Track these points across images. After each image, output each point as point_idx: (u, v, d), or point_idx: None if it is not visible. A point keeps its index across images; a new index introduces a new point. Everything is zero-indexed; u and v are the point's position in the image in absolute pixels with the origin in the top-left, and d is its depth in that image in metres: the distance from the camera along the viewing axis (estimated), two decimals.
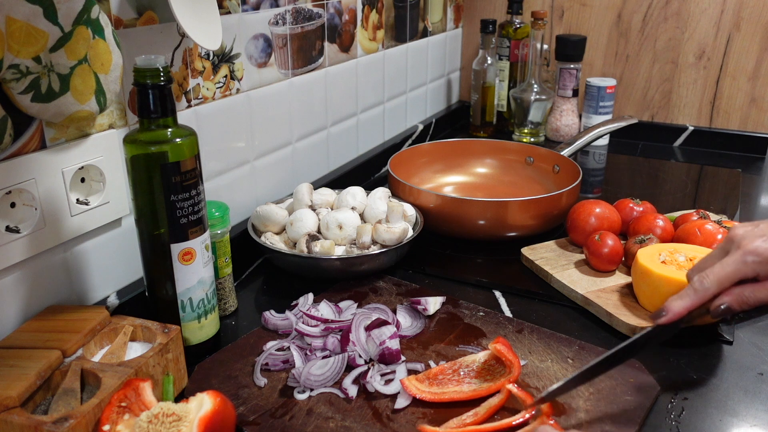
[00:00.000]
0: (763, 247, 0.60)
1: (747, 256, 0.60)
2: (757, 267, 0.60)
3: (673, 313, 0.63)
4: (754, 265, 0.60)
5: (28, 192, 0.65)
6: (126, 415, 0.57)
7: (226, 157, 0.94)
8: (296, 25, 1.04)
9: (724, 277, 0.61)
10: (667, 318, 0.63)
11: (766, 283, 0.61)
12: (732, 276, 0.61)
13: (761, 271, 0.60)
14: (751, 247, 0.60)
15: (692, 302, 0.62)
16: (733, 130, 1.50)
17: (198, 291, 0.71)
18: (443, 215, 1.00)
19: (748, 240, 0.61)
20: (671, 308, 0.63)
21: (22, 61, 0.60)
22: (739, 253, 0.61)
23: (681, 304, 0.63)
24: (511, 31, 1.56)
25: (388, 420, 0.63)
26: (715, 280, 0.62)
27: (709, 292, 0.62)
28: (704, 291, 0.62)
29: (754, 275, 0.61)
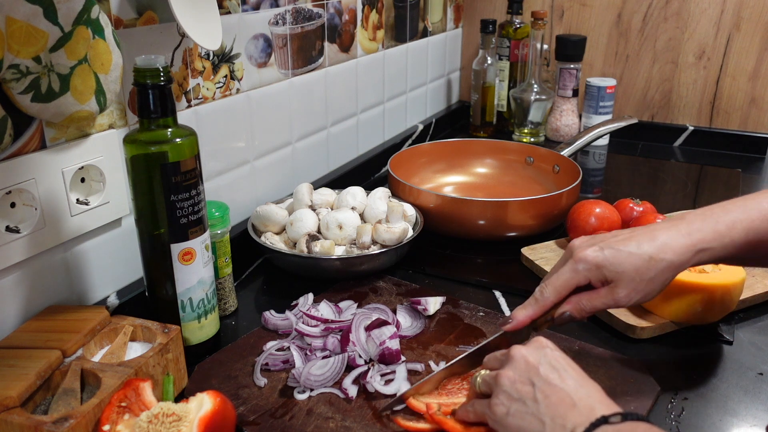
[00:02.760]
0: (592, 255, 0.62)
1: (578, 264, 0.63)
2: (588, 274, 0.63)
3: (518, 321, 0.65)
4: (585, 272, 0.63)
5: (28, 192, 0.65)
6: (126, 415, 0.57)
7: (226, 157, 0.94)
8: (296, 25, 1.04)
9: (559, 285, 0.64)
10: (512, 326, 0.66)
11: (600, 291, 0.63)
12: (566, 284, 0.64)
13: (592, 278, 0.63)
14: (581, 256, 0.63)
15: (534, 311, 0.65)
16: (733, 130, 1.50)
17: (198, 291, 0.71)
18: (443, 215, 1.00)
19: (580, 249, 0.64)
20: (516, 317, 0.66)
21: (22, 61, 0.60)
22: (572, 261, 0.64)
23: (524, 313, 0.65)
24: (511, 31, 1.56)
25: (388, 420, 0.63)
26: (552, 289, 0.64)
27: (548, 301, 0.65)
28: (543, 300, 0.65)
29: (587, 282, 0.63)
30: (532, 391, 0.53)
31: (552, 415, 0.51)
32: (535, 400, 0.53)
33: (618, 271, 0.61)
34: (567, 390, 0.52)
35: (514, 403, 0.54)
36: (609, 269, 0.62)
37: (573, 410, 0.51)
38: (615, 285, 0.62)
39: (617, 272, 0.61)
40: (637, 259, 0.61)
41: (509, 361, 0.57)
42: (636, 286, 0.61)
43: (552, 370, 0.54)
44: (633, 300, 0.62)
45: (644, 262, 0.61)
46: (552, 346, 0.58)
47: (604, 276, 0.62)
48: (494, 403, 0.55)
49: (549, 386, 0.53)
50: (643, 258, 0.61)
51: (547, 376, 0.54)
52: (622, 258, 0.61)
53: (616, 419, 0.49)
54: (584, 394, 0.52)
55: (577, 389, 0.53)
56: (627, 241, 0.62)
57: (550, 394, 0.53)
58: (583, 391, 0.53)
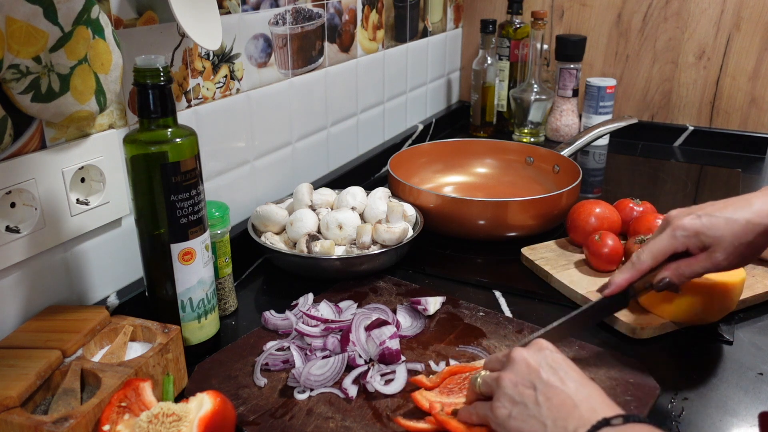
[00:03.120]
0: (690, 223, 0.65)
1: (676, 231, 0.66)
2: (686, 241, 0.66)
3: (616, 285, 0.69)
4: (683, 239, 0.66)
5: (28, 192, 0.65)
6: (126, 415, 0.57)
7: (226, 157, 0.94)
8: (296, 25, 1.04)
9: (657, 251, 0.67)
10: (610, 290, 0.69)
11: (699, 256, 0.66)
12: (664, 249, 0.67)
13: (690, 245, 0.66)
14: (680, 223, 0.66)
15: (631, 275, 0.68)
16: (733, 130, 1.50)
17: (198, 291, 0.71)
18: (443, 215, 1.00)
19: (678, 218, 0.67)
20: (614, 281, 0.69)
21: (22, 61, 0.60)
22: (670, 229, 0.67)
23: (622, 277, 0.69)
24: (511, 31, 1.56)
25: (388, 420, 0.63)
26: (649, 254, 0.68)
27: (645, 265, 0.68)
28: (640, 264, 0.68)
29: (685, 249, 0.66)
30: (533, 394, 0.53)
31: (554, 417, 0.51)
32: (536, 403, 0.53)
33: (716, 236, 0.64)
34: (568, 392, 0.53)
35: (515, 405, 0.54)
36: (707, 234, 0.64)
37: (574, 412, 0.51)
38: (713, 250, 0.64)
39: (715, 237, 0.64)
40: (734, 224, 0.64)
41: (510, 364, 0.57)
42: (734, 250, 0.64)
43: (553, 372, 0.54)
44: (733, 264, 0.64)
45: (741, 226, 0.63)
46: (552, 348, 0.58)
47: (702, 242, 0.65)
48: (496, 405, 0.55)
49: (550, 389, 0.53)
50: (740, 223, 0.64)
51: (548, 378, 0.54)
52: (720, 224, 0.64)
53: (618, 421, 0.49)
54: (585, 395, 0.52)
55: (578, 391, 0.53)
56: (723, 208, 0.65)
57: (552, 397, 0.53)
58: (584, 393, 0.53)
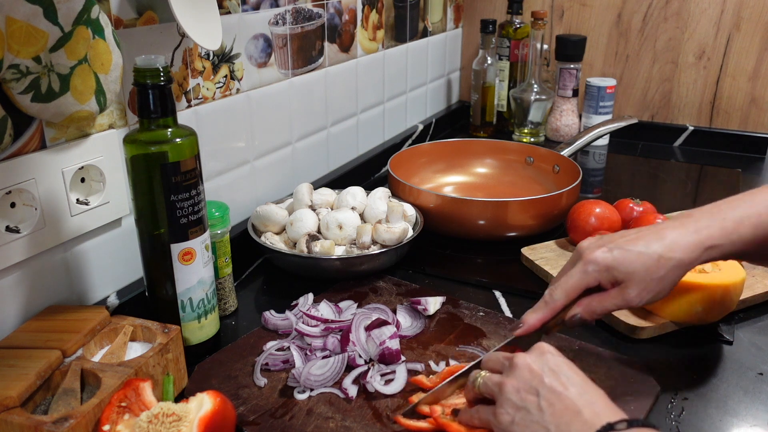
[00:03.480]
0: (602, 257, 0.62)
1: (587, 266, 0.63)
2: (598, 275, 0.62)
3: (529, 325, 0.65)
4: (594, 273, 0.62)
5: (28, 192, 0.65)
6: (126, 415, 0.57)
7: (226, 157, 0.94)
8: (296, 25, 1.04)
9: (569, 287, 0.64)
10: (523, 330, 0.65)
11: (611, 292, 0.63)
12: (576, 286, 0.64)
13: (602, 279, 0.63)
14: (591, 257, 0.63)
15: (544, 314, 0.65)
16: (733, 130, 1.50)
17: (198, 291, 0.71)
18: (443, 215, 1.00)
19: (589, 251, 0.63)
20: (526, 321, 0.65)
21: (22, 61, 0.60)
22: (581, 264, 0.63)
23: (535, 316, 0.65)
24: (511, 31, 1.56)
25: (388, 420, 0.63)
26: (562, 292, 0.64)
27: (559, 303, 0.64)
28: (554, 303, 0.64)
29: (597, 283, 0.63)
30: (536, 400, 0.53)
31: (557, 423, 0.51)
32: (539, 409, 0.53)
33: (628, 272, 0.61)
34: (571, 397, 0.52)
35: (518, 411, 0.54)
36: (619, 270, 0.62)
37: (578, 418, 0.51)
38: (625, 285, 0.62)
39: (627, 272, 0.61)
40: (646, 258, 0.61)
41: (513, 370, 0.56)
42: (646, 285, 0.61)
43: (555, 377, 0.54)
44: (644, 300, 0.62)
45: (654, 261, 0.61)
46: (554, 351, 0.57)
47: (614, 277, 0.62)
48: (499, 411, 0.55)
49: (553, 394, 0.53)
50: (653, 257, 0.61)
51: (551, 384, 0.54)
52: (632, 258, 0.61)
53: (622, 426, 0.49)
54: (588, 400, 0.52)
55: (581, 396, 0.53)
56: (635, 241, 0.62)
57: (555, 402, 0.52)
58: (587, 398, 0.52)
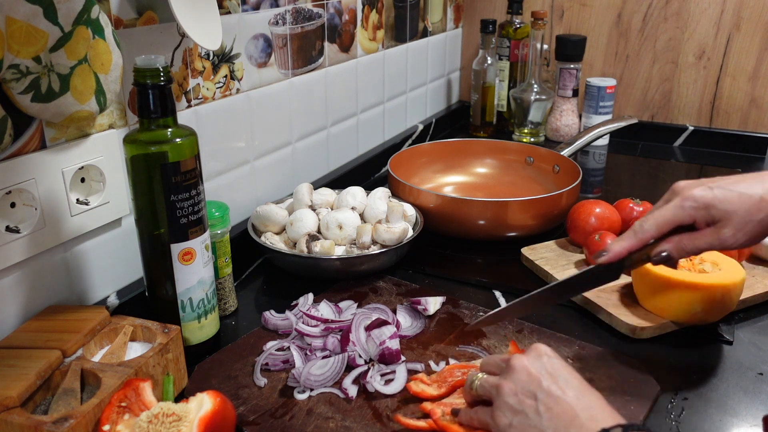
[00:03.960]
0: (701, 194, 0.62)
1: (685, 202, 0.62)
2: (694, 213, 0.62)
3: (614, 253, 0.65)
4: (691, 210, 0.62)
5: (28, 192, 0.65)
6: (126, 415, 0.57)
7: (226, 157, 0.94)
8: (296, 25, 1.04)
9: (662, 221, 0.63)
10: (607, 257, 0.65)
11: (705, 231, 0.62)
12: (670, 220, 0.63)
13: (698, 217, 0.62)
14: (689, 194, 0.62)
15: (631, 244, 0.64)
16: (733, 130, 1.50)
17: (198, 291, 0.71)
18: (443, 215, 1.00)
19: (687, 189, 0.63)
20: (612, 248, 0.65)
21: (22, 61, 0.60)
22: (678, 199, 0.63)
23: (621, 245, 0.65)
24: (511, 31, 1.56)
25: (388, 420, 0.63)
26: (653, 224, 0.64)
27: (648, 235, 0.64)
28: (643, 233, 0.64)
29: (691, 221, 0.63)
30: (534, 404, 0.53)
31: (554, 427, 0.51)
32: (537, 413, 0.53)
33: (727, 210, 0.60)
34: (569, 401, 0.52)
35: (516, 415, 0.54)
36: (718, 208, 0.61)
37: (575, 422, 0.51)
38: (722, 225, 0.61)
39: (726, 211, 0.61)
40: (747, 199, 0.60)
41: (510, 372, 0.56)
42: (744, 227, 0.60)
43: (553, 381, 0.54)
44: (739, 242, 0.61)
45: (755, 202, 0.60)
46: (551, 353, 0.57)
47: (711, 216, 0.61)
48: (497, 414, 0.55)
49: (551, 398, 0.53)
50: (754, 198, 0.60)
51: (549, 387, 0.54)
52: (733, 197, 0.61)
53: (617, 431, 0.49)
54: (586, 405, 0.52)
55: (579, 400, 0.53)
56: (738, 182, 0.62)
57: (553, 407, 0.52)
58: (584, 402, 0.52)
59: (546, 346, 0.58)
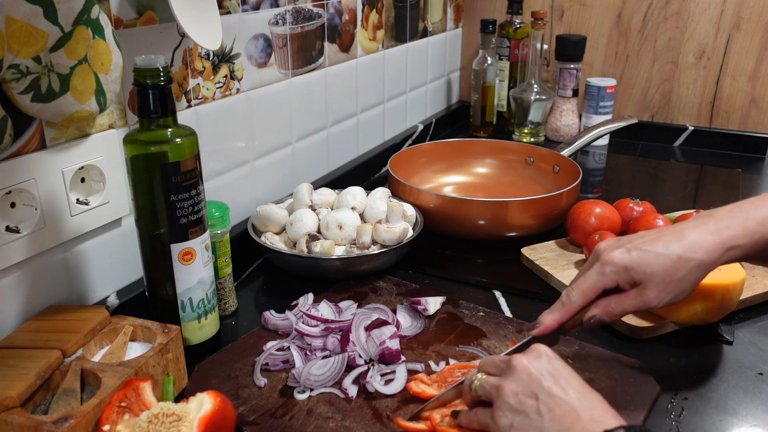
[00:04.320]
0: (619, 258, 0.62)
1: (605, 267, 0.62)
2: (615, 276, 0.62)
3: (545, 326, 0.65)
4: (612, 275, 0.62)
5: (28, 192, 0.65)
6: (126, 415, 0.57)
7: (226, 157, 0.94)
8: (296, 25, 1.04)
9: (586, 288, 0.63)
10: (539, 330, 0.65)
11: (629, 293, 0.62)
12: (593, 287, 0.63)
13: (620, 280, 0.62)
14: (608, 258, 0.62)
15: (561, 315, 0.65)
16: (733, 130, 1.50)
17: (198, 291, 0.71)
18: (443, 215, 1.00)
19: (607, 252, 0.63)
20: (543, 321, 0.65)
21: (22, 61, 0.60)
22: (598, 265, 0.63)
23: (551, 317, 0.65)
24: (511, 31, 1.56)
25: (388, 420, 0.63)
26: (579, 293, 0.64)
27: (576, 305, 0.64)
28: (570, 304, 0.64)
29: (615, 285, 0.63)
30: (535, 404, 0.53)
31: (556, 428, 0.51)
32: (539, 413, 0.53)
33: (646, 272, 0.61)
34: (571, 402, 0.52)
35: (517, 415, 0.54)
36: (637, 271, 0.61)
37: (577, 424, 0.51)
38: (644, 287, 0.61)
39: (645, 273, 0.61)
40: (665, 259, 0.60)
41: (511, 372, 0.56)
42: (666, 286, 0.61)
43: (554, 381, 0.54)
44: (664, 301, 0.61)
45: (673, 262, 0.60)
46: (552, 354, 0.57)
47: (632, 278, 0.62)
48: (498, 415, 0.55)
49: (552, 399, 0.53)
50: (672, 258, 0.60)
51: (550, 388, 0.53)
52: (650, 259, 0.61)
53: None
54: (587, 405, 0.52)
55: (581, 401, 0.52)
56: (654, 241, 0.62)
57: (554, 407, 0.52)
58: (586, 403, 0.52)
59: (546, 347, 0.58)
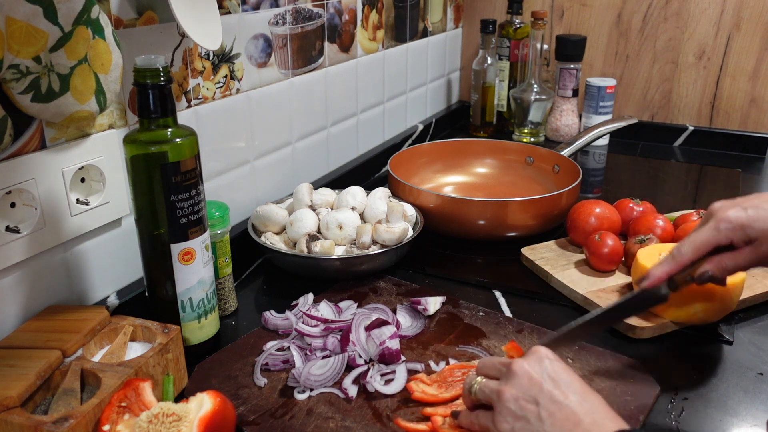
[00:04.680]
0: (735, 215, 0.63)
1: (720, 224, 0.64)
2: (730, 234, 0.63)
3: (655, 277, 0.66)
4: (726, 232, 0.63)
5: (28, 192, 0.65)
6: (126, 415, 0.57)
7: (226, 157, 0.94)
8: (296, 25, 1.04)
9: (699, 243, 0.65)
10: (649, 282, 0.66)
11: (744, 250, 0.63)
12: (707, 242, 0.64)
13: (735, 238, 0.63)
14: (724, 216, 0.63)
15: (671, 267, 0.66)
16: (733, 130, 1.50)
17: (198, 291, 0.71)
18: (443, 215, 1.00)
19: (722, 210, 0.64)
20: (652, 273, 0.67)
21: (22, 61, 0.60)
22: (713, 221, 0.64)
23: (661, 269, 0.66)
24: (511, 31, 1.56)
25: (388, 420, 0.63)
26: (690, 247, 0.65)
27: (686, 258, 0.65)
28: (681, 257, 0.65)
29: (728, 242, 0.64)
30: (536, 409, 0.53)
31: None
32: (539, 419, 0.52)
33: (763, 229, 0.61)
34: (571, 407, 0.52)
35: (518, 420, 0.53)
36: (754, 228, 0.62)
37: (578, 427, 0.51)
38: (759, 243, 0.62)
39: (762, 230, 0.62)
40: None
41: (512, 377, 0.56)
42: None
43: (555, 385, 0.54)
44: None
45: None
46: (552, 356, 0.57)
47: (747, 235, 0.62)
48: (498, 420, 0.55)
49: (553, 404, 0.53)
50: None
51: (551, 392, 0.53)
52: (767, 216, 0.62)
53: None
54: (588, 409, 0.52)
55: (581, 405, 0.52)
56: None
57: (555, 412, 0.52)
58: (587, 407, 0.52)
59: (546, 349, 0.58)
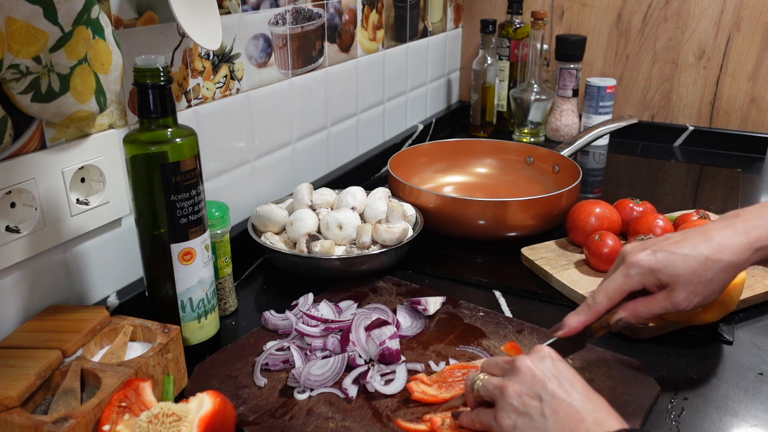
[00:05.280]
0: (645, 260, 0.61)
1: (630, 269, 0.62)
2: (641, 278, 0.62)
3: (569, 328, 0.64)
4: (637, 276, 0.62)
5: (28, 192, 0.65)
6: (126, 415, 0.57)
7: (226, 157, 0.94)
8: (296, 25, 1.04)
9: (611, 291, 0.63)
10: (564, 332, 0.65)
11: (657, 296, 0.62)
12: (619, 289, 0.63)
13: (647, 283, 0.62)
14: (634, 260, 0.62)
15: (586, 317, 0.64)
16: (733, 130, 1.50)
17: (198, 291, 0.71)
18: (443, 215, 1.00)
19: (632, 254, 0.62)
20: (567, 323, 0.65)
21: (22, 61, 0.60)
22: (623, 267, 0.63)
23: (576, 319, 0.64)
24: (511, 31, 1.56)
25: (388, 420, 0.63)
26: (604, 295, 0.63)
27: (601, 307, 0.63)
28: (596, 305, 0.64)
29: (641, 287, 0.62)
30: (539, 406, 0.53)
31: (560, 430, 0.51)
32: (542, 415, 0.52)
33: (673, 274, 0.60)
34: (574, 405, 0.52)
35: (521, 417, 0.54)
36: (664, 273, 0.60)
37: (581, 426, 0.51)
38: (672, 289, 0.60)
39: (672, 275, 0.60)
40: (693, 261, 0.59)
41: (515, 373, 0.56)
42: (694, 288, 0.60)
43: (558, 383, 0.54)
44: (693, 303, 0.60)
45: (701, 263, 0.59)
46: (555, 356, 0.57)
47: (659, 280, 0.61)
48: (501, 416, 0.55)
49: (556, 401, 0.53)
50: (699, 259, 0.59)
51: (554, 390, 0.53)
52: (678, 260, 0.60)
53: None
54: (591, 408, 0.52)
55: (584, 404, 0.52)
56: (680, 243, 0.61)
57: (558, 410, 0.52)
58: (590, 406, 0.52)
59: (549, 348, 0.58)
